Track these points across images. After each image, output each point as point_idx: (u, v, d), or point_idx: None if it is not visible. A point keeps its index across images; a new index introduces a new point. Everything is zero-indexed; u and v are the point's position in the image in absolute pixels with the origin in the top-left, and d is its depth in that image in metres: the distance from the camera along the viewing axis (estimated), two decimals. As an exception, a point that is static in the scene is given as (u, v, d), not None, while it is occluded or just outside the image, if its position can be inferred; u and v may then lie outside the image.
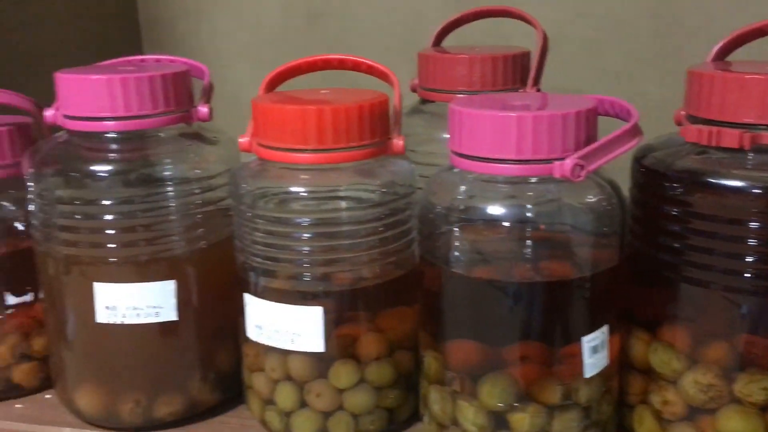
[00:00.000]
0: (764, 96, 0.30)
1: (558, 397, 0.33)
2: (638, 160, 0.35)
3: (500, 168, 0.32)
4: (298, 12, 0.75)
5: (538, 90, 0.43)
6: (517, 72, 0.43)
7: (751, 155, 0.32)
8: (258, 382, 0.38)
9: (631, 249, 0.36)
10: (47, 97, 0.42)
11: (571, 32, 0.73)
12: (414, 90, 0.46)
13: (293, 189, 0.36)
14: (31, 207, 0.38)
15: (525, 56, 0.44)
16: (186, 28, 0.79)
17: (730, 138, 0.31)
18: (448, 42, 0.49)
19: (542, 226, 0.33)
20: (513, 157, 0.32)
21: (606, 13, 0.72)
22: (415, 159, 0.44)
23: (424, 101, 0.45)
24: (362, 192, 0.37)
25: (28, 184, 0.38)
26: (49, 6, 0.64)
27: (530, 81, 0.43)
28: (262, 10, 0.76)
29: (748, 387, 0.32)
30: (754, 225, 0.31)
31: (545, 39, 0.44)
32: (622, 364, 0.36)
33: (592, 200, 0.33)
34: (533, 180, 0.33)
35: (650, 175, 0.34)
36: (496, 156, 0.32)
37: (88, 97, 0.36)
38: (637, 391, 0.36)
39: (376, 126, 0.36)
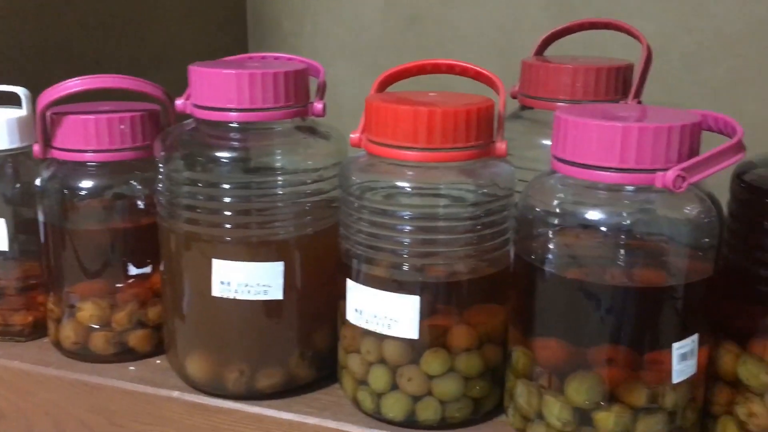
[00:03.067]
0: None
1: (644, 399, 0.34)
2: (739, 175, 0.36)
3: (602, 175, 0.34)
4: (398, 14, 0.78)
5: (639, 102, 0.44)
6: (619, 84, 0.44)
7: None
8: (353, 363, 0.40)
9: (726, 262, 0.36)
10: (168, 86, 0.46)
11: (673, 46, 0.73)
12: (514, 96, 0.48)
13: (399, 184, 0.38)
14: (159, 186, 0.42)
15: (628, 69, 0.45)
16: (290, 28, 0.83)
17: (836, 159, 0.32)
18: (555, 51, 0.50)
19: (638, 234, 0.34)
20: (616, 165, 0.33)
21: (709, 28, 0.72)
22: (512, 162, 0.45)
23: (524, 108, 0.47)
24: (463, 191, 0.39)
25: (159, 165, 0.42)
26: (173, 4, 0.69)
27: (632, 93, 0.44)
28: (363, 11, 0.79)
29: (839, 405, 0.32)
30: None
31: (649, 52, 0.45)
32: (709, 375, 0.37)
33: (691, 212, 0.34)
34: (632, 189, 0.34)
35: (751, 190, 0.35)
36: (600, 163, 0.33)
37: (218, 89, 0.40)
38: (722, 402, 0.36)
39: (482, 129, 0.38)
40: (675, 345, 0.34)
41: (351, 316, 0.40)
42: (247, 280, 0.40)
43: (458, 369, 0.39)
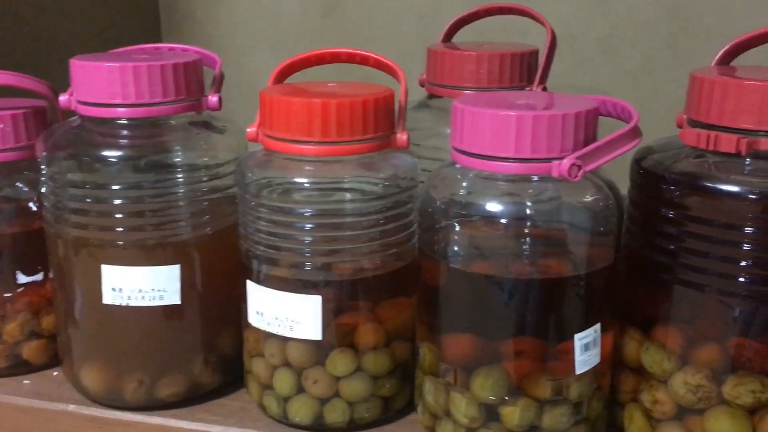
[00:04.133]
0: (762, 102, 0.31)
1: (548, 392, 0.34)
2: (637, 161, 0.35)
3: (499, 166, 0.33)
4: (317, 2, 0.76)
5: (545, 89, 0.44)
6: (524, 70, 0.43)
7: (748, 161, 0.32)
8: (257, 367, 0.39)
9: (627, 249, 0.36)
10: (65, 83, 0.44)
11: (589, 31, 0.73)
12: (422, 85, 0.47)
13: (297, 180, 0.37)
14: (44, 189, 0.39)
15: (533, 54, 0.44)
16: (204, 17, 0.80)
17: (727, 143, 0.31)
18: (466, 37, 0.49)
19: (539, 224, 0.33)
20: (512, 155, 0.32)
21: (624, 12, 0.72)
22: (420, 153, 0.44)
23: (432, 96, 0.46)
24: (365, 184, 0.37)
25: (41, 166, 0.39)
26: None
27: (537, 79, 0.43)
28: (281, -1, 0.77)
29: (736, 389, 0.32)
30: (749, 230, 0.31)
31: (553, 37, 0.44)
32: (614, 363, 0.37)
33: (589, 200, 0.34)
34: (532, 178, 0.33)
35: (648, 176, 0.34)
36: (496, 154, 0.33)
37: (101, 83, 0.37)
38: (628, 390, 0.36)
39: (380, 120, 0.36)
40: (577, 336, 0.34)
41: (253, 319, 0.38)
42: (140, 285, 0.38)
43: (366, 368, 0.38)
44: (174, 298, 0.39)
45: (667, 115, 0.38)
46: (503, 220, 0.33)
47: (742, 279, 0.32)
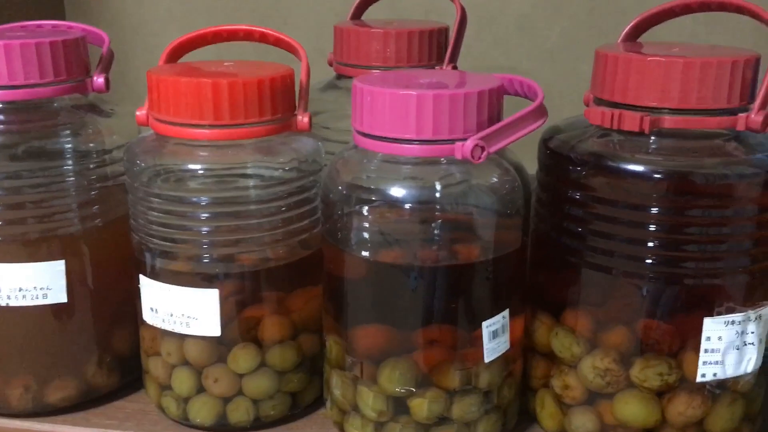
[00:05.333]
0: (664, 79, 0.30)
1: (457, 382, 0.33)
2: (545, 141, 0.34)
3: (401, 148, 0.31)
4: (229, -22, 0.73)
5: (455, 67, 0.42)
6: (434, 48, 0.42)
7: (652, 139, 0.31)
8: (155, 366, 0.36)
9: (536, 233, 0.35)
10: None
11: (507, 9, 0.72)
12: (331, 64, 0.45)
13: (190, 166, 0.34)
14: None
15: (442, 32, 0.42)
16: (110, -7, 0.75)
17: (631, 121, 0.31)
18: (386, 15, 0.48)
19: (445, 208, 0.32)
20: (413, 137, 0.31)
21: (542, -9, 0.71)
22: (328, 136, 0.42)
23: (340, 76, 0.44)
24: (264, 170, 0.35)
25: None
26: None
27: (447, 58, 0.42)
28: (192, -26, 0.73)
29: (643, 372, 0.32)
30: (654, 210, 0.31)
31: (463, 15, 0.43)
32: (526, 348, 0.36)
33: (495, 182, 0.33)
34: (436, 161, 0.32)
35: (554, 157, 0.33)
36: (397, 136, 0.31)
37: (-31, 63, 0.34)
38: (539, 375, 0.36)
39: (279, 101, 0.34)
40: (485, 323, 0.32)
41: (147, 316, 0.36)
42: (20, 284, 0.35)
43: (271, 363, 0.36)
44: (59, 296, 0.36)
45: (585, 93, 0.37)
46: (407, 205, 0.32)
47: (648, 260, 0.31)
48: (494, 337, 0.33)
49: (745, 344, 0.31)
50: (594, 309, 0.33)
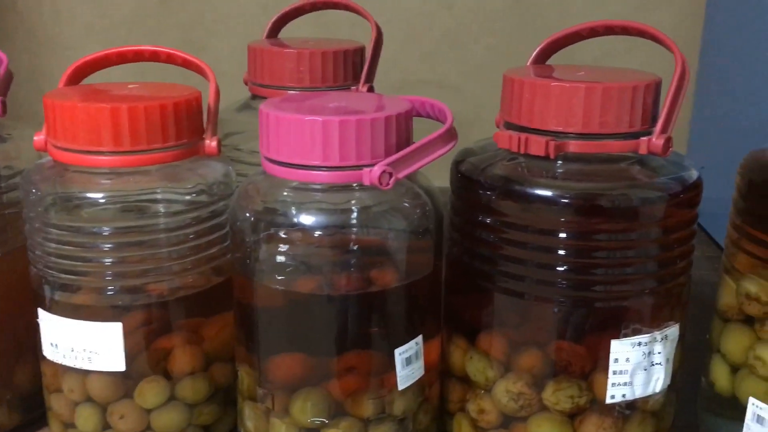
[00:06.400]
0: (568, 104, 0.30)
1: (371, 410, 0.32)
2: (456, 164, 0.34)
3: (308, 175, 0.30)
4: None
5: (371, 87, 0.42)
6: (350, 68, 0.41)
7: (559, 163, 0.31)
8: (57, 403, 0.35)
9: (450, 257, 0.35)
10: None
11: (435, 24, 0.72)
12: (246, 83, 0.44)
13: (90, 195, 0.33)
14: None
15: (358, 52, 0.42)
16: (26, 8, 0.72)
17: (537, 145, 0.31)
18: (312, 31, 0.47)
19: (356, 235, 0.31)
20: (320, 163, 0.30)
21: (469, 6, 0.72)
22: (242, 158, 0.42)
23: (255, 97, 0.43)
24: (171, 197, 0.34)
25: None
26: None
27: (363, 77, 0.42)
28: (111, -12, 0.71)
29: (555, 395, 0.32)
30: (561, 235, 0.31)
31: (379, 33, 0.43)
32: (443, 372, 0.36)
33: (406, 207, 0.32)
34: (345, 187, 0.31)
35: (464, 180, 0.33)
36: (304, 162, 0.30)
37: None
38: (456, 399, 0.35)
39: (183, 126, 0.33)
40: (397, 351, 0.32)
41: (47, 351, 0.34)
42: None
43: (181, 396, 0.35)
44: (-49, 333, 0.34)
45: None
46: (317, 232, 0.31)
47: (559, 284, 0.31)
48: (408, 363, 0.33)
49: (653, 364, 0.32)
50: (507, 332, 0.33)
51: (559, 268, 0.31)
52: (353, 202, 0.31)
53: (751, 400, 0.33)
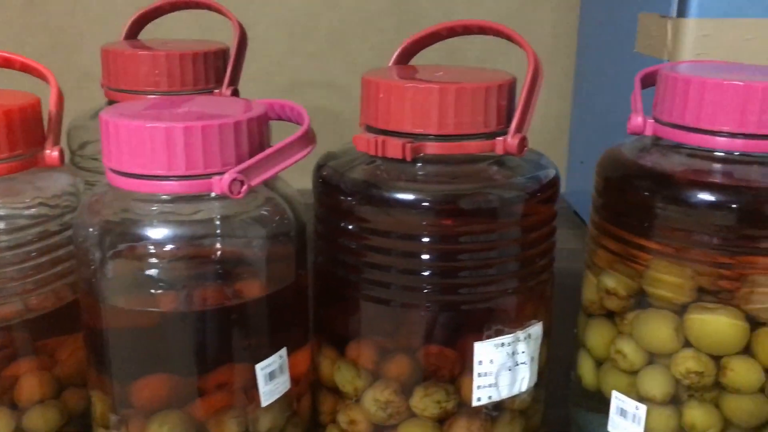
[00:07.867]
0: (423, 105, 0.29)
1: (234, 430, 0.31)
2: (318, 169, 0.33)
3: (153, 185, 0.29)
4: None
5: (235, 91, 0.40)
6: (211, 71, 0.40)
7: (419, 165, 0.31)
8: None
9: (316, 265, 0.34)
10: None
11: (319, 24, 0.71)
12: (103, 88, 0.41)
13: None
14: None
15: (219, 54, 0.40)
16: None
17: (394, 148, 0.30)
18: (190, 32, 0.44)
19: (208, 247, 0.30)
20: (165, 173, 0.28)
21: (352, 5, 0.71)
22: (99, 168, 0.39)
23: (111, 102, 0.41)
24: (7, 213, 0.31)
25: None
26: None
27: (226, 80, 0.40)
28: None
29: (423, 401, 0.31)
30: (424, 239, 0.30)
31: (242, 34, 0.41)
32: (313, 383, 0.35)
33: (264, 216, 0.31)
34: (198, 196, 0.29)
35: (325, 186, 0.32)
36: (148, 172, 0.28)
37: None
38: (327, 411, 0.34)
39: (17, 136, 0.31)
40: (259, 366, 0.31)
41: None
42: None
43: (29, 427, 0.32)
44: None
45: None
46: (165, 247, 0.29)
47: (424, 289, 0.31)
48: (271, 378, 0.31)
49: (517, 364, 0.32)
50: (375, 340, 0.32)
51: (423, 273, 0.31)
52: (203, 212, 0.29)
53: (614, 393, 0.33)
